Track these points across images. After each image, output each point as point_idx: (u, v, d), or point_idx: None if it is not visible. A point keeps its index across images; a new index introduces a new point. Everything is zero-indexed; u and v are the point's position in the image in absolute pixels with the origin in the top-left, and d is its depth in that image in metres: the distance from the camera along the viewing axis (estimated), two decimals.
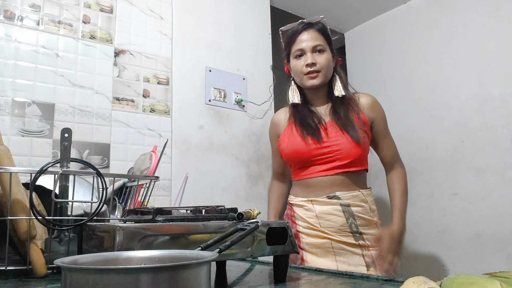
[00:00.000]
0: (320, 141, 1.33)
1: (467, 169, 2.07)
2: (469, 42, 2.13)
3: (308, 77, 1.36)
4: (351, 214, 1.30)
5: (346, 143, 1.31)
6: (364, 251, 1.29)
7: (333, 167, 1.32)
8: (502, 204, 1.92)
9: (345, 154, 1.31)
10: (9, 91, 1.45)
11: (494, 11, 2.04)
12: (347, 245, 1.29)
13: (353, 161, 1.32)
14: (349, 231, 1.29)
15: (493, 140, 1.98)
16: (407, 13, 2.49)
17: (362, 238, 1.29)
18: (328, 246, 1.30)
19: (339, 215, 1.29)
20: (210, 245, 0.57)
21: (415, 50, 2.41)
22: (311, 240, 1.32)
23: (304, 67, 1.36)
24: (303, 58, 1.38)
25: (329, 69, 1.39)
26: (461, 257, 2.04)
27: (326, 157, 1.33)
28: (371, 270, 1.27)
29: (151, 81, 1.80)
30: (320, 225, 1.31)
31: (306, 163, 1.37)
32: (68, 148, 0.77)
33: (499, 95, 1.98)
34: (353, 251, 1.29)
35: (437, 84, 2.27)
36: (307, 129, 1.37)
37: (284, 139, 1.43)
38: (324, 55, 1.37)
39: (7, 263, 0.72)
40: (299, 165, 1.40)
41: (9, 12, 1.49)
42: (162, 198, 1.73)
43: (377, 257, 1.27)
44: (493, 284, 0.47)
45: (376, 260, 1.27)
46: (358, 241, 1.29)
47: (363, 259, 1.28)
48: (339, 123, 1.34)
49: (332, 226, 1.30)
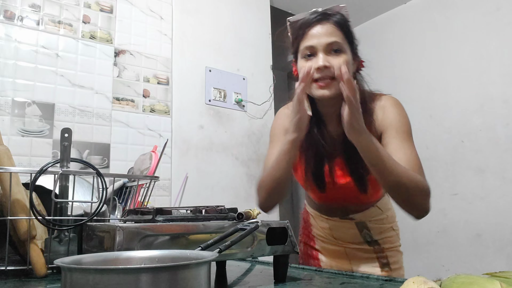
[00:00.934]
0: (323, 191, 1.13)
1: (467, 169, 2.07)
2: (469, 42, 2.13)
3: (317, 86, 1.00)
4: (364, 227, 1.23)
5: (352, 193, 1.10)
6: (379, 254, 1.24)
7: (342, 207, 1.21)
8: (502, 204, 1.92)
9: (352, 203, 1.17)
10: (9, 91, 1.45)
11: (494, 11, 2.04)
12: (361, 251, 1.25)
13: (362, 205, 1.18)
14: (363, 241, 1.24)
15: (493, 140, 1.98)
16: (407, 13, 2.49)
17: (377, 243, 1.24)
18: (342, 252, 1.26)
19: (352, 228, 1.23)
20: (210, 245, 0.57)
21: (415, 50, 2.41)
22: (325, 245, 1.28)
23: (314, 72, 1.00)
24: (314, 60, 1.02)
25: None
26: (461, 257, 2.04)
27: (333, 202, 1.20)
28: (386, 270, 1.23)
29: (151, 81, 1.80)
30: (333, 236, 1.26)
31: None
32: (68, 148, 0.77)
33: (499, 95, 1.98)
34: (367, 256, 1.24)
35: (437, 84, 2.27)
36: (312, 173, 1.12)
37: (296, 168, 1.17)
38: (342, 57, 1.01)
39: (7, 263, 0.72)
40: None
41: (9, 12, 1.48)
42: (162, 198, 1.73)
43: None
44: (493, 284, 0.47)
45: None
46: (373, 246, 1.24)
47: (377, 261, 1.23)
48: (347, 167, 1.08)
49: (345, 238, 1.25)
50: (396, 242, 1.28)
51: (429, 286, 0.47)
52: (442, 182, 2.16)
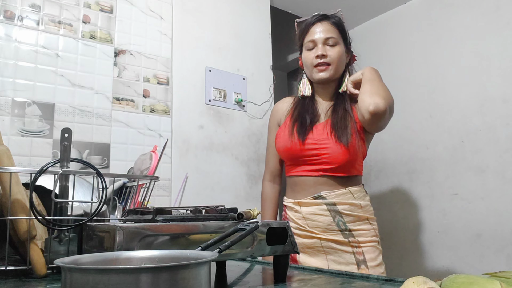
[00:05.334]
0: (305, 141, 1.30)
1: (467, 169, 2.07)
2: (469, 42, 2.13)
3: (317, 70, 1.33)
4: (337, 212, 1.27)
5: (334, 148, 1.27)
6: (355, 248, 1.26)
7: (319, 169, 1.30)
8: (502, 204, 1.92)
9: (332, 158, 1.27)
10: (9, 91, 1.45)
11: (494, 11, 2.04)
12: (336, 243, 1.26)
13: (341, 167, 1.28)
14: (337, 229, 1.26)
15: (493, 140, 1.98)
16: (407, 13, 2.49)
17: (352, 235, 1.26)
18: (318, 245, 1.28)
19: (325, 214, 1.27)
20: (210, 245, 0.57)
21: (415, 50, 2.41)
22: (302, 240, 1.30)
23: (314, 59, 1.33)
24: (314, 50, 1.34)
25: (340, 63, 1.35)
26: (461, 257, 2.04)
27: (312, 158, 1.30)
28: (362, 269, 1.24)
29: (151, 81, 1.80)
30: (307, 225, 1.29)
31: (295, 161, 1.35)
32: (68, 148, 0.77)
33: (499, 95, 1.98)
34: (343, 249, 1.26)
35: (437, 84, 2.27)
36: (299, 126, 1.34)
37: (280, 134, 1.40)
38: (336, 49, 1.33)
39: (7, 263, 0.72)
40: (290, 162, 1.38)
41: (9, 12, 1.48)
42: (162, 198, 1.73)
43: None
44: (493, 284, 0.47)
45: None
46: (347, 238, 1.26)
47: (354, 257, 1.25)
48: (332, 125, 1.30)
49: (319, 226, 1.28)
50: (373, 237, 1.30)
51: (429, 286, 0.47)
52: (442, 182, 2.16)
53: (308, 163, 1.32)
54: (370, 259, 1.25)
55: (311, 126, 1.33)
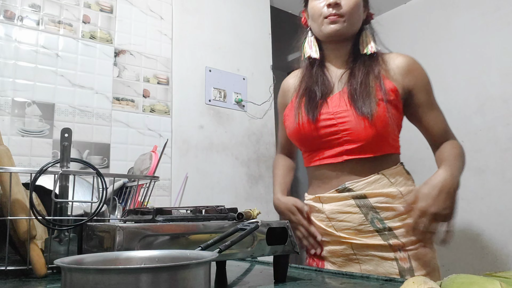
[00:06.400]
0: (317, 117, 1.02)
1: (467, 169, 2.05)
2: (469, 42, 2.13)
3: (328, 21, 1.03)
4: (369, 208, 0.98)
5: (354, 121, 0.98)
6: (397, 253, 0.96)
7: (340, 152, 1.01)
8: (502, 204, 1.92)
9: (354, 135, 0.99)
10: (9, 91, 1.45)
11: (494, 11, 2.04)
12: (373, 249, 0.98)
13: (368, 145, 0.99)
14: (372, 230, 0.98)
15: (493, 140, 1.98)
16: (407, 13, 2.49)
17: (393, 235, 0.97)
18: (349, 252, 1.00)
19: (354, 211, 0.99)
20: (210, 245, 0.57)
21: (415, 50, 2.40)
22: (331, 247, 1.04)
23: (325, 8, 1.03)
24: None
25: (356, 17, 1.06)
26: (461, 257, 2.04)
27: (330, 138, 1.02)
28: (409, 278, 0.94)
29: (151, 81, 1.80)
30: (334, 228, 1.02)
31: (310, 146, 1.08)
32: (68, 148, 0.77)
33: (499, 95, 1.98)
34: (382, 255, 0.97)
35: (437, 84, 2.26)
36: (307, 102, 1.06)
37: (287, 115, 1.14)
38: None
39: (7, 263, 0.72)
40: (306, 148, 1.10)
41: (9, 12, 1.49)
42: (162, 198, 1.73)
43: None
44: (493, 284, 0.47)
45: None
46: (387, 240, 0.96)
47: (396, 264, 0.96)
48: (349, 93, 1.02)
49: (348, 227, 1.00)
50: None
51: (429, 286, 0.47)
52: None
53: (327, 147, 1.04)
54: (417, 267, 0.96)
55: (324, 100, 1.05)
